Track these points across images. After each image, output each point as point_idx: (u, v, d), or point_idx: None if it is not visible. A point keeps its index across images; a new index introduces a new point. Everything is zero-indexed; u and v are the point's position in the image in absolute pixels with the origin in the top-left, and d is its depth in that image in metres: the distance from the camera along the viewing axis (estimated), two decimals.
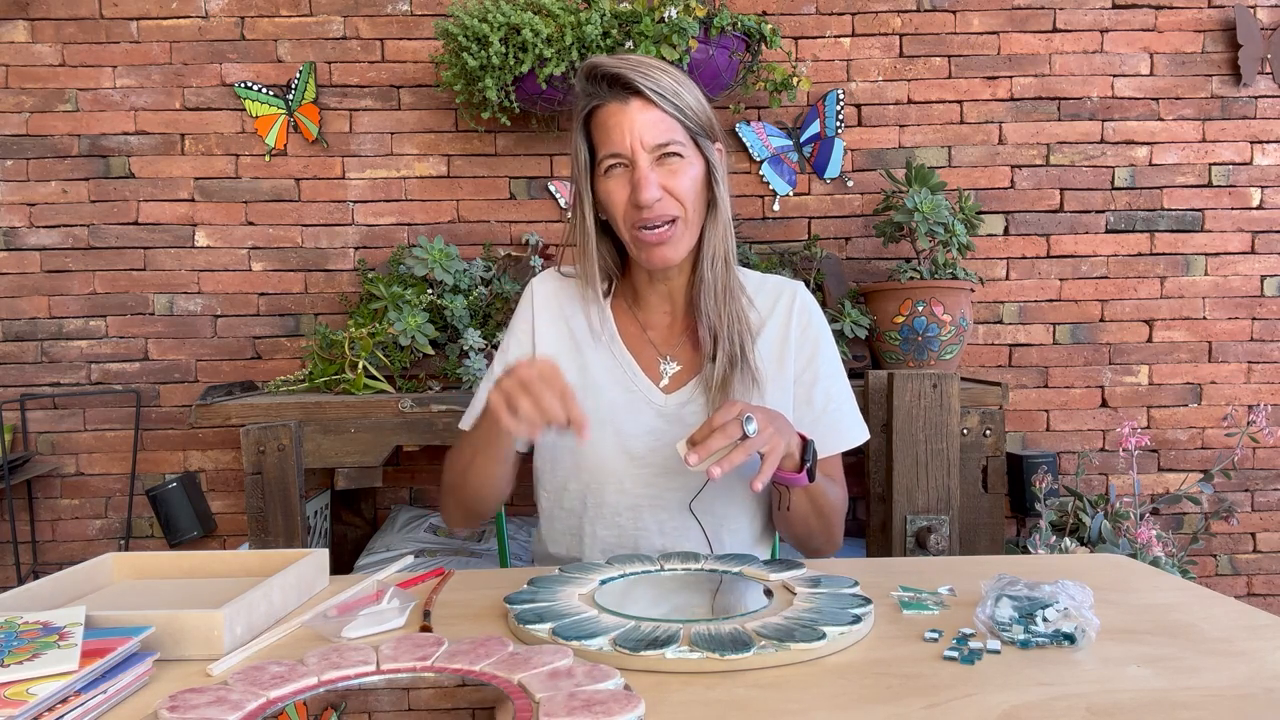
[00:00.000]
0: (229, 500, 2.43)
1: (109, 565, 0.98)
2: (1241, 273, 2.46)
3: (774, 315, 1.23)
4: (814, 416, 1.20)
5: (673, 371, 1.20)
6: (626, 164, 1.10)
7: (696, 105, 1.12)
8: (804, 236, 2.42)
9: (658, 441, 1.17)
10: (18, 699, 0.60)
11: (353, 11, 2.38)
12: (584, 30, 1.97)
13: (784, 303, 1.23)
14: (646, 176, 1.08)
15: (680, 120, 1.10)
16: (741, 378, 1.14)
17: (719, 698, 0.66)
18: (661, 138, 1.09)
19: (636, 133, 1.08)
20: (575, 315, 1.24)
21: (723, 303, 1.16)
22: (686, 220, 1.12)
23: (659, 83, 1.08)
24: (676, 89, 1.10)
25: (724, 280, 1.16)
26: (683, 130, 1.11)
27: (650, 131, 1.08)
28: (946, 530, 1.81)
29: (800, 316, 1.23)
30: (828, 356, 1.23)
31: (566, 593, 0.88)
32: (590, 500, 1.19)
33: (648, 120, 1.08)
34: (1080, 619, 0.76)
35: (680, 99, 1.10)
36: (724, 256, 1.17)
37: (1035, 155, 2.45)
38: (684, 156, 1.11)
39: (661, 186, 1.09)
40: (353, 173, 2.40)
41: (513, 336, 1.26)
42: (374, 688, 0.68)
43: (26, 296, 2.38)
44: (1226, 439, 2.43)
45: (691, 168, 1.12)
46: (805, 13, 2.42)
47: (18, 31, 2.35)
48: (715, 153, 1.15)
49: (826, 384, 1.22)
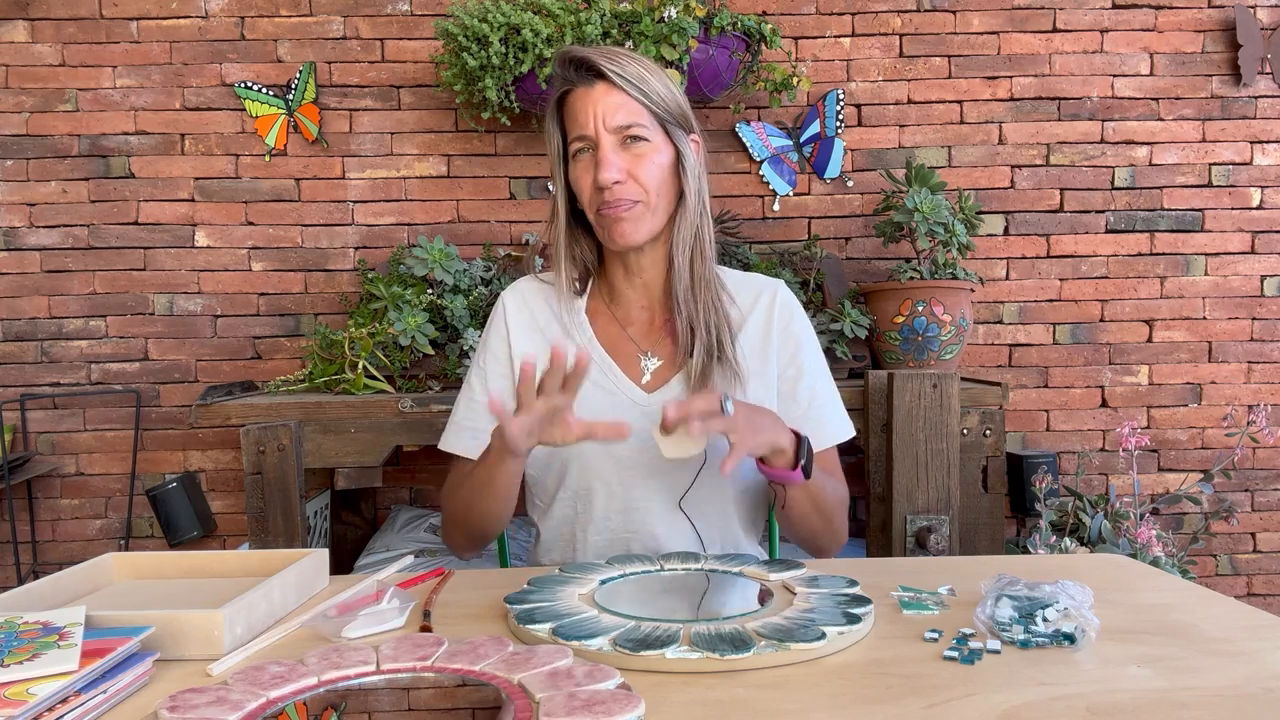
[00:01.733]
0: (229, 500, 2.43)
1: (109, 565, 0.98)
2: (1241, 273, 2.46)
3: (754, 312, 1.23)
4: (800, 413, 1.19)
5: (654, 367, 1.20)
6: (592, 147, 1.12)
7: (665, 93, 1.13)
8: (804, 236, 2.42)
9: (643, 443, 1.15)
10: (18, 699, 0.60)
11: (353, 11, 2.38)
12: (584, 30, 1.97)
13: (764, 300, 1.24)
14: (607, 157, 1.10)
15: (645, 105, 1.12)
16: (721, 371, 1.14)
17: (719, 698, 0.66)
18: (624, 120, 1.11)
19: (600, 114, 1.11)
20: (550, 322, 1.24)
21: (697, 293, 1.16)
22: (649, 205, 1.13)
23: (624, 68, 1.11)
24: (643, 74, 1.12)
25: (699, 272, 1.17)
26: (648, 115, 1.12)
27: (613, 113, 1.11)
28: (946, 530, 1.81)
29: (782, 313, 1.23)
30: (810, 353, 1.23)
31: (566, 593, 0.88)
32: (580, 507, 1.19)
33: (612, 103, 1.11)
34: (1080, 619, 0.76)
35: (646, 84, 1.12)
36: (697, 248, 1.17)
37: (1035, 155, 2.45)
38: (649, 140, 1.12)
39: (625, 171, 1.11)
40: (353, 173, 2.40)
41: (488, 353, 1.25)
42: (374, 688, 0.68)
43: (26, 296, 2.38)
44: (1226, 439, 2.42)
45: (658, 154, 1.13)
46: (805, 13, 2.42)
47: (18, 31, 2.35)
48: (689, 144, 1.16)
49: (810, 380, 1.21)
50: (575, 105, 1.13)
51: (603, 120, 1.11)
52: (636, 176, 1.12)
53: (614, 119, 1.11)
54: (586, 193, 1.14)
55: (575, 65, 1.12)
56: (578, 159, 1.14)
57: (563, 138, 1.17)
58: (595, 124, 1.11)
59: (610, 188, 1.10)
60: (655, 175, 1.13)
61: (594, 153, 1.12)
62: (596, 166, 1.11)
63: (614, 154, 1.11)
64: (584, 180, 1.14)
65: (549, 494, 1.22)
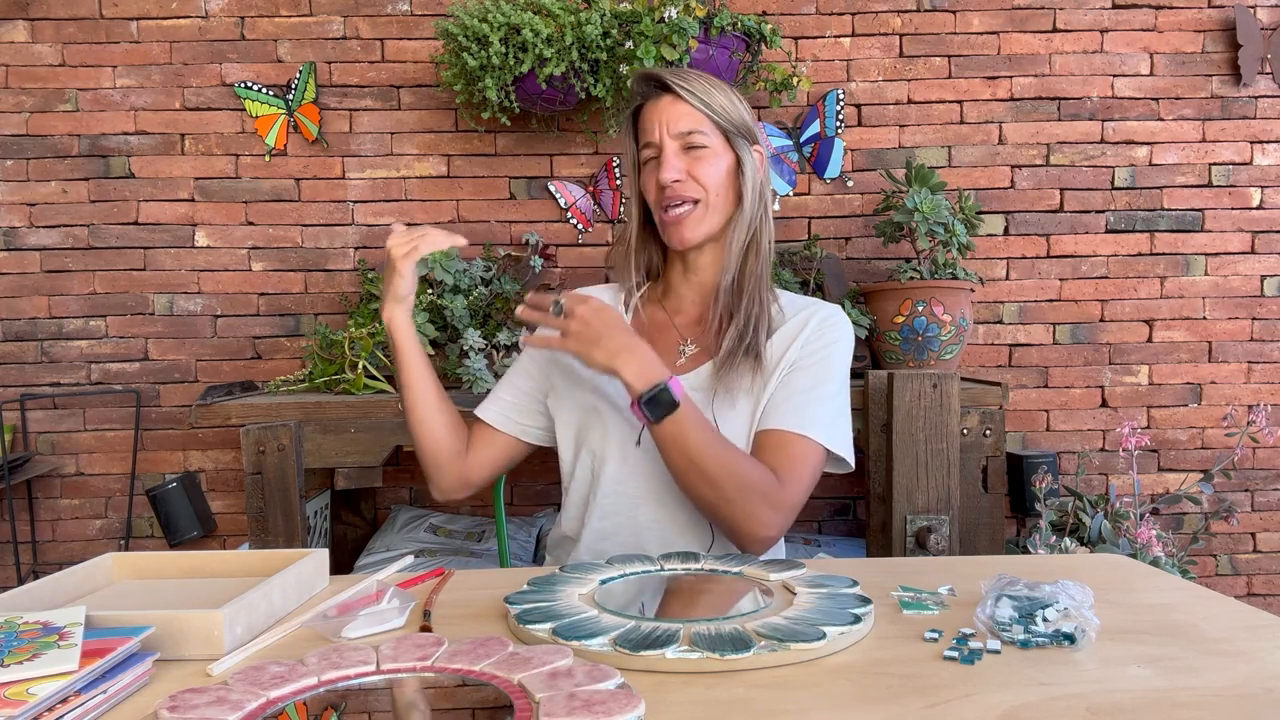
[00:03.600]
0: (229, 500, 2.43)
1: (109, 565, 0.98)
2: (1241, 273, 2.46)
3: (795, 318, 1.25)
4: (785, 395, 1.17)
5: (690, 353, 1.25)
6: (657, 152, 1.22)
7: (728, 105, 1.22)
8: (804, 236, 2.42)
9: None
10: (18, 699, 0.60)
11: (353, 11, 2.38)
12: (584, 30, 1.97)
13: (811, 310, 1.26)
14: (669, 159, 1.20)
15: (707, 114, 1.21)
16: (745, 357, 1.19)
17: (719, 698, 0.66)
18: (685, 126, 1.20)
19: (665, 122, 1.21)
20: None
21: (743, 285, 1.23)
22: (708, 204, 1.21)
23: (690, 83, 1.21)
24: (708, 89, 1.22)
25: (750, 268, 1.24)
26: (709, 124, 1.21)
27: (676, 121, 1.21)
28: (946, 530, 1.81)
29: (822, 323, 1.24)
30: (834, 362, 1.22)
31: (566, 593, 0.88)
32: (595, 472, 1.25)
33: (676, 112, 1.21)
34: (1080, 619, 0.76)
35: (710, 97, 1.21)
36: (752, 247, 1.24)
37: (1035, 155, 2.45)
38: (709, 147, 1.21)
39: (685, 171, 1.20)
40: (353, 173, 2.40)
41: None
42: (374, 688, 0.68)
43: (26, 296, 2.38)
44: (1226, 439, 2.43)
45: (717, 158, 1.22)
46: (805, 13, 2.42)
47: (18, 31, 2.35)
48: (751, 153, 1.24)
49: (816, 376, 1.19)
50: (645, 115, 1.24)
51: (666, 127, 1.21)
52: (695, 176, 1.20)
53: (676, 126, 1.21)
54: (652, 194, 1.23)
55: (647, 81, 1.24)
56: (647, 165, 1.24)
57: (636, 148, 1.27)
58: (660, 131, 1.21)
59: (670, 185, 1.19)
60: (713, 176, 1.21)
61: (659, 158, 1.21)
62: (660, 168, 1.20)
63: (675, 157, 1.20)
64: (650, 182, 1.23)
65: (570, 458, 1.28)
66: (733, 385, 1.18)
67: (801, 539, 2.29)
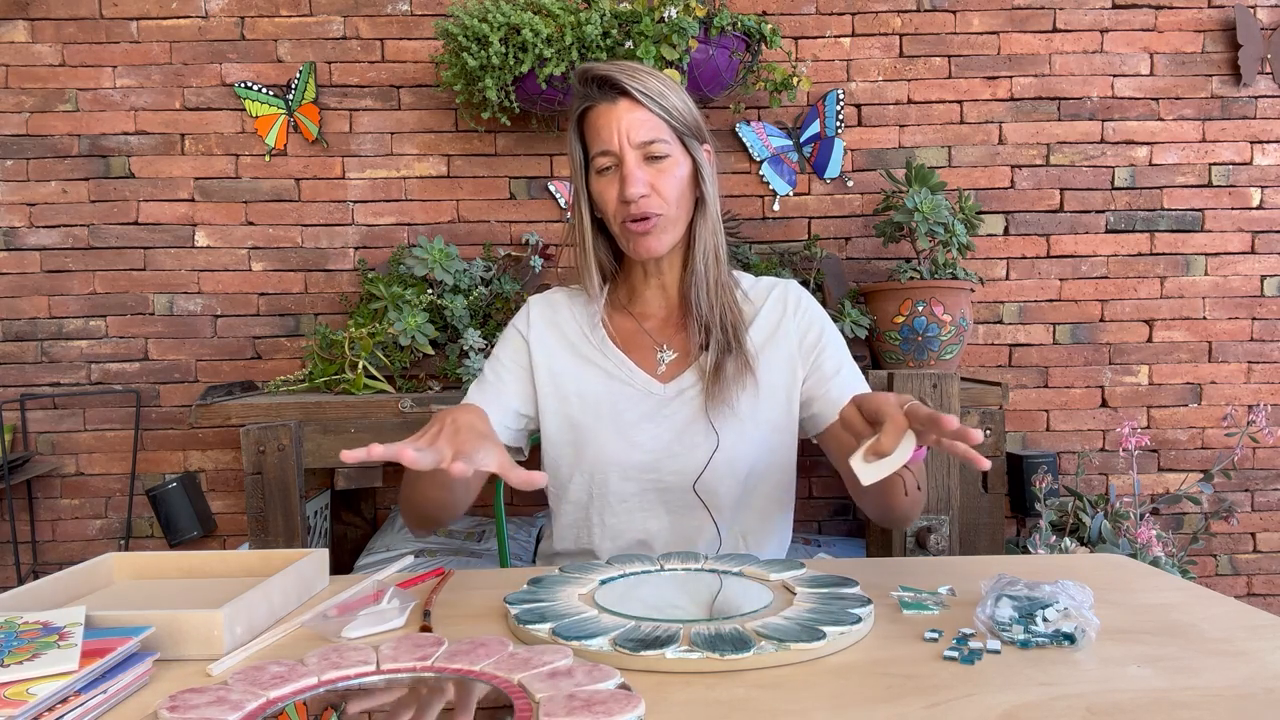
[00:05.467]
0: (229, 500, 2.43)
1: (109, 565, 0.98)
2: (1241, 273, 2.46)
3: (766, 304, 1.28)
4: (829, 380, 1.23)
5: (669, 360, 1.24)
6: (616, 162, 1.16)
7: (683, 107, 1.18)
8: (804, 236, 2.42)
9: (658, 427, 1.21)
10: (18, 699, 0.60)
11: (353, 11, 2.38)
12: (584, 30, 1.97)
13: (776, 293, 1.29)
14: (633, 173, 1.14)
15: (666, 120, 1.16)
16: (735, 363, 1.19)
17: (719, 698, 0.66)
18: (647, 135, 1.15)
19: (624, 130, 1.14)
20: (568, 323, 1.29)
21: (715, 295, 1.21)
22: (670, 217, 1.18)
23: (646, 84, 1.15)
24: (663, 90, 1.16)
25: (715, 274, 1.22)
26: (668, 129, 1.17)
27: (636, 129, 1.15)
28: (946, 530, 1.81)
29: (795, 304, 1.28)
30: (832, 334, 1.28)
31: (566, 593, 0.88)
32: (595, 491, 1.22)
33: (635, 119, 1.15)
34: (1080, 619, 0.76)
35: (666, 99, 1.16)
36: (714, 251, 1.22)
37: (1035, 155, 2.45)
38: (670, 156, 1.17)
39: (649, 184, 1.15)
40: (353, 173, 2.40)
41: (506, 345, 1.30)
42: (374, 688, 0.68)
43: (26, 296, 2.38)
44: (1226, 439, 2.42)
45: (678, 167, 1.18)
46: (805, 13, 2.42)
47: (18, 31, 2.35)
48: (703, 154, 1.21)
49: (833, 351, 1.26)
50: (598, 121, 1.16)
51: (626, 136, 1.14)
52: (659, 190, 1.16)
53: (638, 135, 1.15)
54: (611, 206, 1.18)
55: (598, 83, 1.16)
56: (603, 175, 1.18)
57: (584, 151, 1.20)
58: (620, 140, 1.14)
59: (636, 201, 1.14)
60: (676, 188, 1.17)
61: (619, 168, 1.16)
62: (622, 182, 1.15)
63: (638, 169, 1.15)
64: (608, 194, 1.17)
65: (563, 480, 1.25)
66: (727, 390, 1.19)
67: (801, 539, 2.29)
